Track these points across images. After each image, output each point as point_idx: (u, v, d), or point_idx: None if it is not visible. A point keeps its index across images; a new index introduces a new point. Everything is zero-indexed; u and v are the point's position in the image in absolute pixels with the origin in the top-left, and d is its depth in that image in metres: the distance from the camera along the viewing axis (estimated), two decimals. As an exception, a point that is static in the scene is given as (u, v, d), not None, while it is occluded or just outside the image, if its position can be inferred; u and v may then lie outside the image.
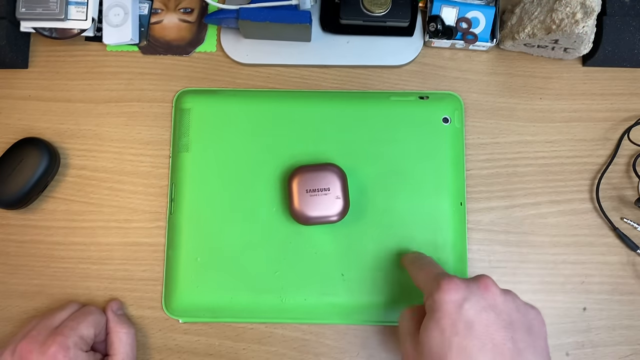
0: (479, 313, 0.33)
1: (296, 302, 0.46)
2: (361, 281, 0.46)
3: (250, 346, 0.47)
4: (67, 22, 0.48)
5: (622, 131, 0.49)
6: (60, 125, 0.50)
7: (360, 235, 0.46)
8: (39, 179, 0.47)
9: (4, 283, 0.48)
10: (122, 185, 0.49)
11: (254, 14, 0.46)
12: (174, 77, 0.50)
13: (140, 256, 0.48)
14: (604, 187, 0.48)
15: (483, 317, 0.33)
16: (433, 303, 0.35)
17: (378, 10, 0.47)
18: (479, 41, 0.48)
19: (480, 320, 0.33)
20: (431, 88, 0.50)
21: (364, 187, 0.47)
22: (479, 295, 0.34)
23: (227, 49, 0.50)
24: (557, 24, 0.43)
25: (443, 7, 0.48)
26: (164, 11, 0.51)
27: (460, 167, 0.48)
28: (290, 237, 0.46)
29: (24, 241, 0.49)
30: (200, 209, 0.47)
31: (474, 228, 0.48)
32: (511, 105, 0.50)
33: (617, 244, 0.48)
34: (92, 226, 0.49)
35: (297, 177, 0.44)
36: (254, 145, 0.48)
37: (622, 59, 0.49)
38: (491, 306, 0.34)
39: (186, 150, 0.48)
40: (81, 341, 0.41)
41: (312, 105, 0.48)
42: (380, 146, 0.47)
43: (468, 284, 0.35)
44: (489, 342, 0.33)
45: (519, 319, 0.34)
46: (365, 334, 0.47)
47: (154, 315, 0.47)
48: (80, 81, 0.51)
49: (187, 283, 0.46)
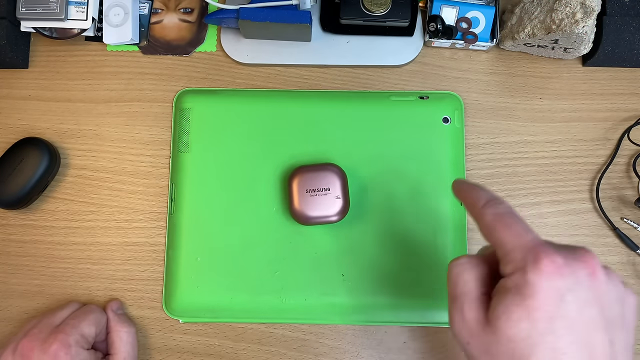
0: (582, 309, 0.27)
1: (296, 302, 0.46)
2: (361, 281, 0.46)
3: (250, 346, 0.47)
4: (67, 22, 0.48)
5: (622, 131, 0.49)
6: (60, 125, 0.50)
7: (360, 235, 0.46)
8: (39, 179, 0.47)
9: (4, 283, 0.48)
10: (122, 185, 0.49)
11: (254, 13, 0.46)
12: (174, 77, 0.50)
13: (141, 256, 0.48)
14: (604, 187, 0.48)
15: (585, 314, 0.27)
16: (525, 284, 0.27)
17: (378, 10, 0.47)
18: (479, 41, 0.48)
19: (582, 318, 0.27)
20: (431, 88, 0.50)
21: (364, 187, 0.47)
22: (585, 285, 0.28)
23: (227, 48, 0.50)
24: (557, 23, 0.43)
25: (443, 7, 0.48)
26: (164, 11, 0.51)
27: (460, 167, 0.48)
28: (290, 237, 0.46)
29: (24, 241, 0.49)
30: (200, 209, 0.47)
31: (474, 228, 0.48)
32: (511, 105, 0.50)
33: (617, 244, 0.48)
34: (92, 226, 0.49)
35: (297, 177, 0.44)
36: (254, 145, 0.48)
37: (622, 58, 0.49)
38: (596, 299, 0.28)
39: (186, 150, 0.48)
40: (82, 339, 0.41)
41: (312, 105, 0.48)
42: (380, 146, 0.47)
43: (572, 266, 0.28)
44: (586, 345, 0.27)
45: (618, 314, 0.29)
46: (365, 334, 0.47)
47: (154, 315, 0.47)
48: (80, 81, 0.51)
49: (187, 283, 0.46)
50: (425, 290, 0.46)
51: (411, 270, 0.46)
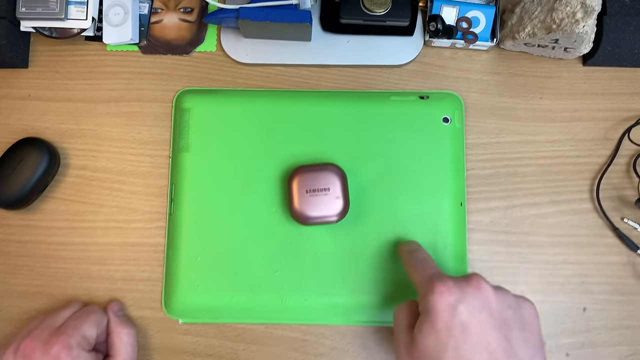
0: (472, 314, 0.34)
1: (296, 303, 0.46)
2: (361, 281, 0.46)
3: (250, 347, 0.47)
4: (67, 21, 0.48)
5: (623, 131, 0.49)
6: (60, 125, 0.50)
7: (360, 235, 0.46)
8: (39, 179, 0.47)
9: (4, 283, 0.48)
10: (122, 185, 0.49)
11: (254, 13, 0.46)
12: (174, 76, 0.50)
13: (140, 256, 0.48)
14: (604, 187, 0.48)
15: (476, 318, 0.34)
16: (427, 305, 0.35)
17: (378, 10, 0.47)
18: (479, 41, 0.48)
19: (474, 321, 0.34)
20: (431, 88, 0.50)
21: (364, 187, 0.47)
22: (472, 295, 0.35)
23: (227, 48, 0.50)
24: (557, 23, 0.43)
25: (443, 6, 0.48)
26: (164, 11, 0.51)
27: (460, 167, 0.48)
28: (290, 237, 0.46)
29: (24, 241, 0.49)
30: (200, 209, 0.47)
31: (474, 228, 0.48)
32: (511, 105, 0.50)
33: (617, 244, 0.48)
34: (92, 226, 0.49)
35: (297, 177, 0.44)
36: (254, 145, 0.48)
37: (622, 58, 0.49)
38: (484, 306, 0.34)
39: (186, 150, 0.48)
40: (84, 341, 0.41)
41: (312, 105, 0.48)
42: (380, 146, 0.47)
43: (460, 285, 0.35)
44: (483, 343, 0.33)
45: (512, 316, 0.35)
46: (365, 334, 0.47)
47: (154, 315, 0.47)
48: (80, 81, 0.51)
49: (187, 283, 0.46)
50: (425, 290, 0.46)
51: (411, 271, 0.46)
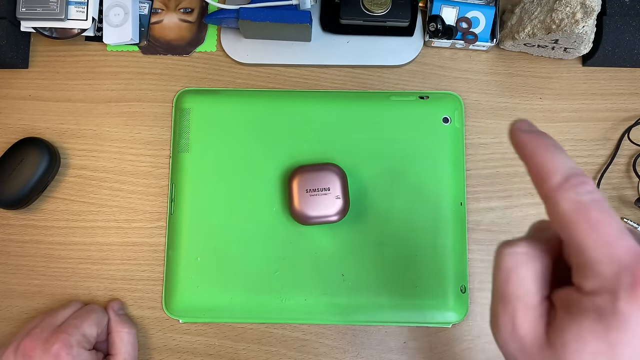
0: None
1: (296, 302, 0.46)
2: (361, 281, 0.46)
3: (250, 346, 0.47)
4: (67, 22, 0.48)
5: (622, 131, 0.49)
6: (60, 125, 0.50)
7: (360, 235, 0.46)
8: (39, 179, 0.47)
9: (4, 283, 0.48)
10: (122, 185, 0.49)
11: (254, 13, 0.46)
12: (174, 77, 0.50)
13: (141, 256, 0.48)
14: (604, 187, 0.48)
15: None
16: (614, 312, 0.20)
17: (378, 10, 0.47)
18: (479, 41, 0.48)
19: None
20: (431, 88, 0.50)
21: (364, 187, 0.47)
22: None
23: (227, 48, 0.50)
24: (557, 23, 0.43)
25: (443, 6, 0.48)
26: (164, 11, 0.51)
27: (460, 167, 0.48)
28: (290, 237, 0.46)
29: (24, 241, 0.49)
30: (200, 209, 0.47)
31: (474, 228, 0.48)
32: (511, 105, 0.50)
33: (617, 244, 0.48)
34: (92, 226, 0.49)
35: (297, 177, 0.44)
36: (254, 145, 0.48)
37: (622, 58, 0.49)
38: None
39: (186, 150, 0.48)
40: (84, 339, 0.41)
41: (312, 105, 0.48)
42: (380, 146, 0.47)
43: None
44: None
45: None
46: (365, 334, 0.47)
47: (154, 315, 0.47)
48: (80, 81, 0.51)
49: (187, 283, 0.46)
50: (425, 290, 0.46)
51: (411, 271, 0.46)
